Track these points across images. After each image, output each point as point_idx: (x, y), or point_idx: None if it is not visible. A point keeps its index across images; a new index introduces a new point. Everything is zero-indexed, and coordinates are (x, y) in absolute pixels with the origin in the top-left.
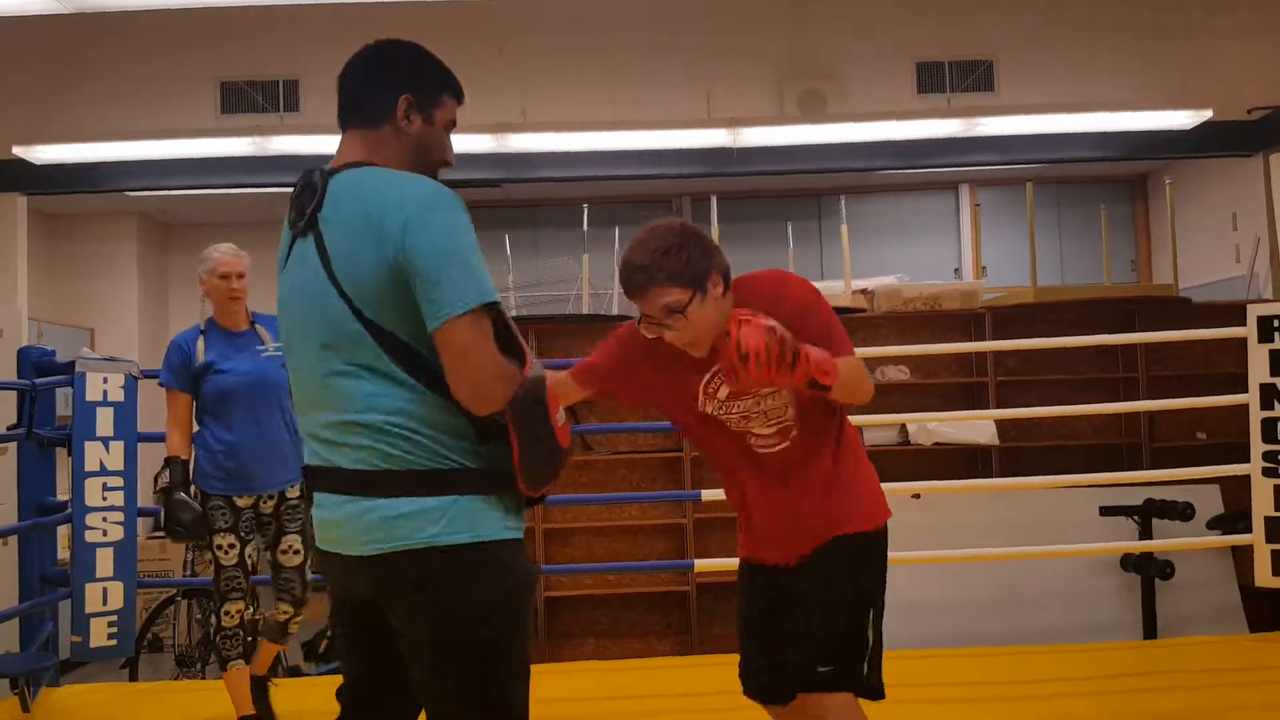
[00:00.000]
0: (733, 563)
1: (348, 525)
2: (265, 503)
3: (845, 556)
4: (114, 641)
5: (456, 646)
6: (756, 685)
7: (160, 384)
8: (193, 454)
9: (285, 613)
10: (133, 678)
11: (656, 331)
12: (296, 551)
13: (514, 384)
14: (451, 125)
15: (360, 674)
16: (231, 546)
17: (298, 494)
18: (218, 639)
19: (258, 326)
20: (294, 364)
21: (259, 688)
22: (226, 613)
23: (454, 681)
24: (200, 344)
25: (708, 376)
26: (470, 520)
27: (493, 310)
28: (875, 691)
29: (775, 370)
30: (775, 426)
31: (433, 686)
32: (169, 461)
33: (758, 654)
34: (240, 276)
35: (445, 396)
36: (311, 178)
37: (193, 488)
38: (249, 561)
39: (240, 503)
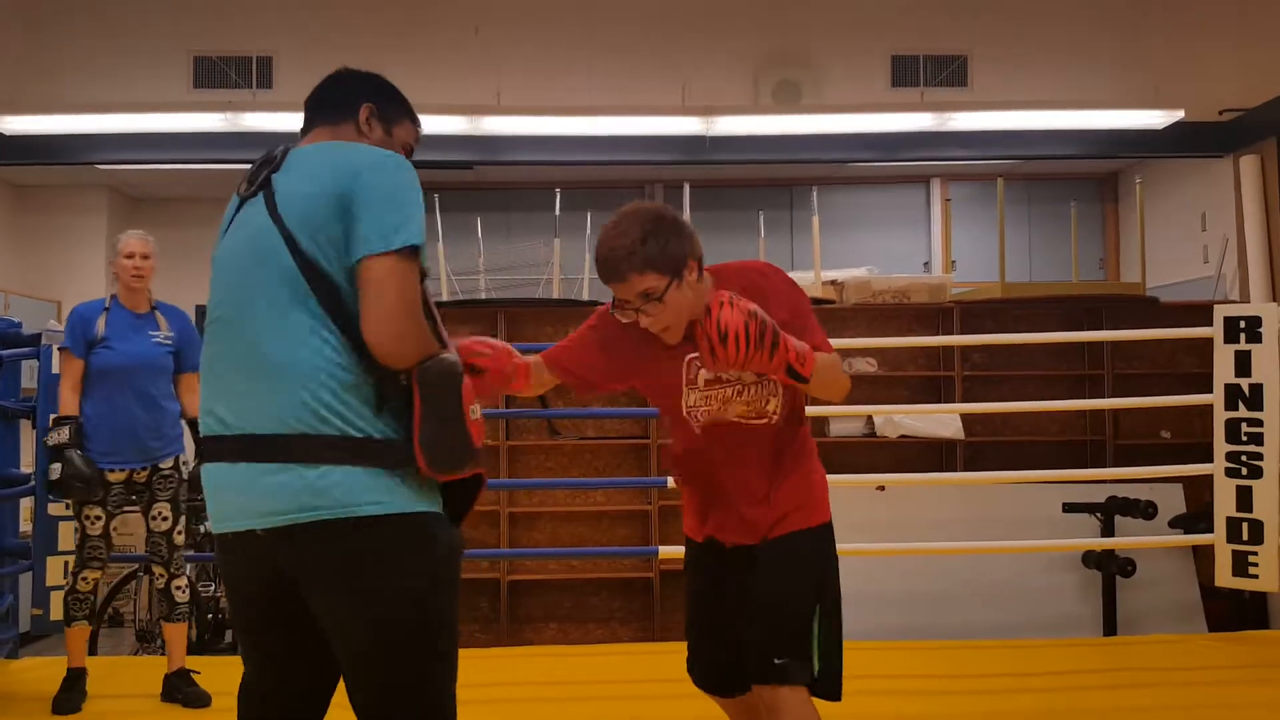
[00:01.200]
0: None
1: (255, 497)
2: (138, 474)
3: (800, 549)
4: None
5: (386, 625)
6: (707, 674)
7: (60, 347)
8: None
9: (160, 576)
10: (92, 652)
11: (632, 317)
12: (165, 518)
13: (427, 342)
14: (410, 149)
15: (271, 667)
16: (98, 518)
17: (170, 465)
18: (69, 598)
19: (157, 312)
20: (214, 319)
21: (183, 680)
22: (83, 578)
23: (383, 662)
24: (102, 319)
25: (687, 361)
26: (390, 492)
27: (418, 257)
28: (831, 693)
29: (754, 352)
30: (755, 415)
31: (360, 668)
32: (66, 420)
33: (711, 643)
34: (145, 258)
35: (364, 356)
36: (273, 151)
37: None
38: (112, 535)
39: (111, 477)
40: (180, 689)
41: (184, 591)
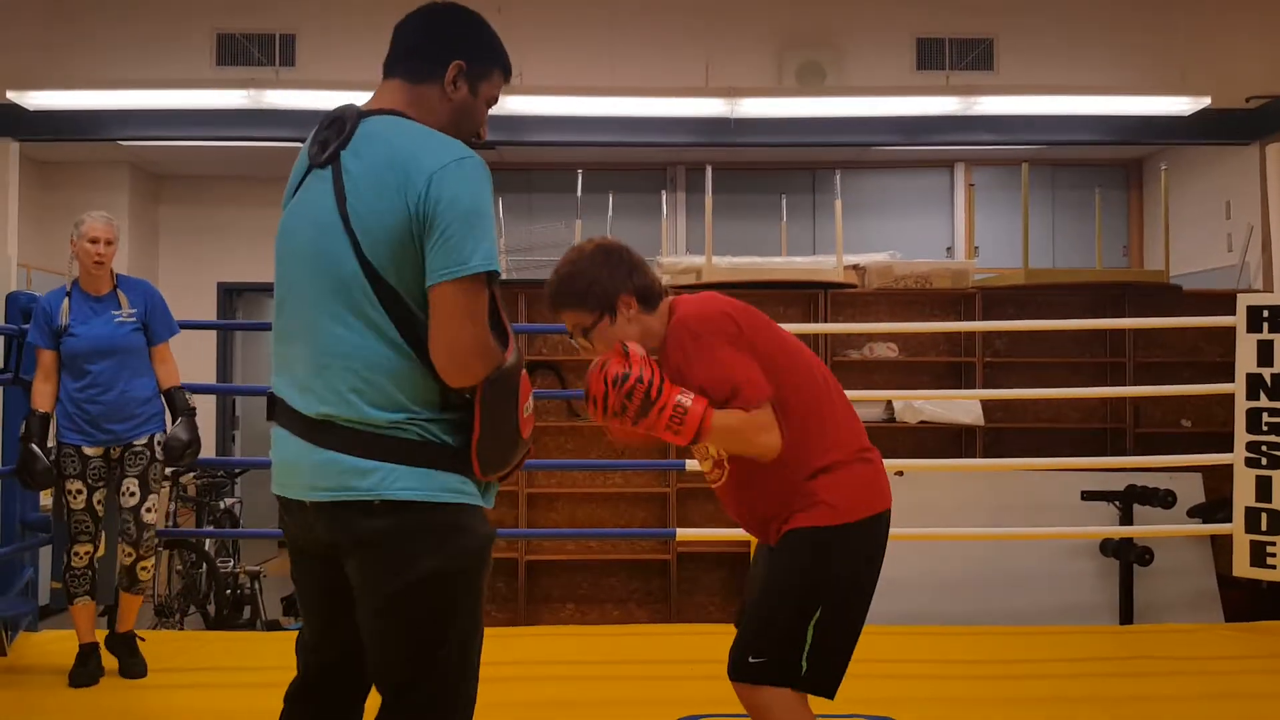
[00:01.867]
0: (712, 533)
1: (305, 472)
2: (113, 450)
3: (799, 549)
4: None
5: (405, 603)
6: None
7: (28, 341)
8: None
9: (128, 554)
10: (111, 625)
11: (579, 343)
12: (133, 494)
13: (493, 363)
14: (493, 101)
15: (321, 627)
16: (79, 492)
17: (144, 443)
18: (66, 576)
19: (119, 291)
20: (282, 294)
21: (125, 644)
22: (75, 553)
23: (400, 639)
24: (65, 305)
25: None
26: (428, 480)
27: (493, 282)
28: (822, 689)
29: (614, 418)
30: (711, 459)
31: (378, 642)
32: (30, 414)
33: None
34: (109, 243)
35: (425, 360)
36: (342, 113)
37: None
38: (97, 508)
39: (89, 452)
40: (121, 655)
41: (148, 572)
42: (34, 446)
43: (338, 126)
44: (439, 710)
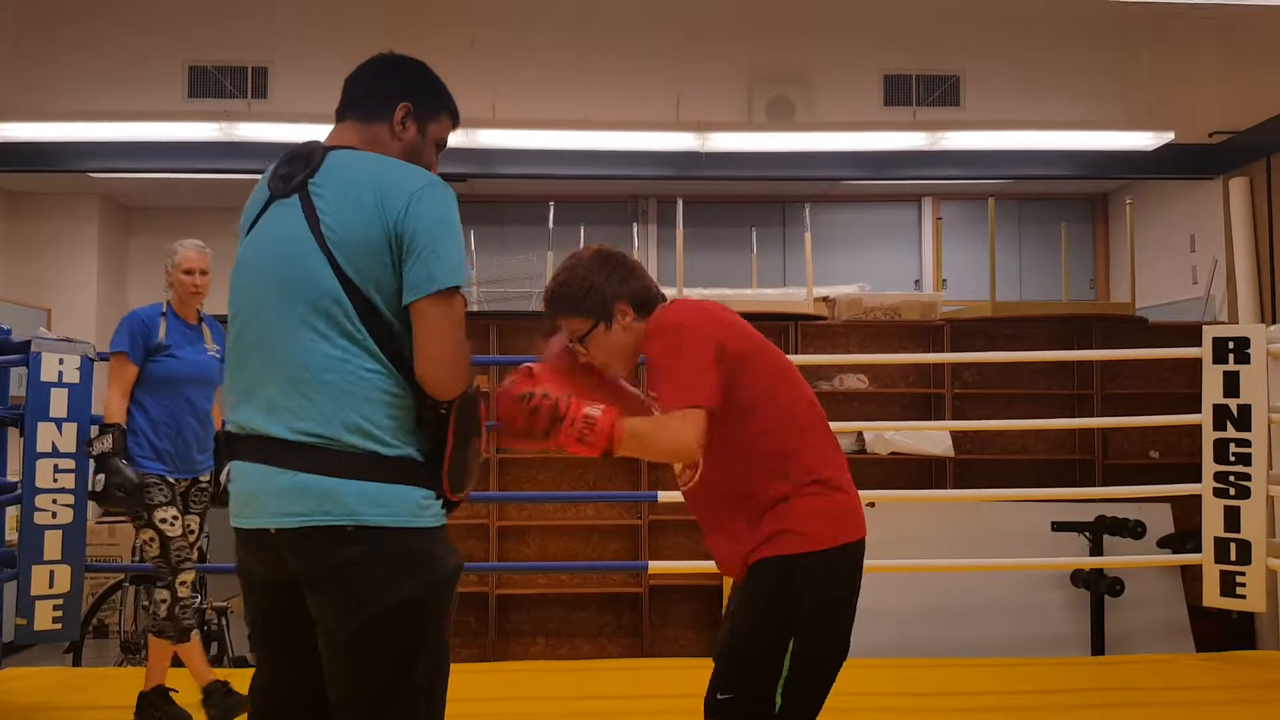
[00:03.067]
0: (685, 565)
1: (270, 498)
2: (180, 483)
3: (767, 579)
4: (59, 625)
5: (372, 634)
6: None
7: (113, 349)
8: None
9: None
10: (76, 663)
11: (577, 350)
12: (191, 531)
13: (473, 375)
14: (442, 144)
15: (277, 666)
16: (175, 518)
17: (208, 479)
18: (176, 609)
19: (204, 326)
20: (242, 323)
21: (161, 698)
22: (182, 583)
23: (365, 671)
24: (162, 324)
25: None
26: (400, 503)
27: (462, 291)
28: None
29: (523, 437)
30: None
31: (341, 675)
32: (111, 427)
33: None
34: (203, 273)
35: (403, 374)
36: (305, 149)
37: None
38: (190, 534)
39: (171, 480)
40: (159, 706)
41: (186, 605)
42: (124, 460)
43: (303, 160)
44: None
